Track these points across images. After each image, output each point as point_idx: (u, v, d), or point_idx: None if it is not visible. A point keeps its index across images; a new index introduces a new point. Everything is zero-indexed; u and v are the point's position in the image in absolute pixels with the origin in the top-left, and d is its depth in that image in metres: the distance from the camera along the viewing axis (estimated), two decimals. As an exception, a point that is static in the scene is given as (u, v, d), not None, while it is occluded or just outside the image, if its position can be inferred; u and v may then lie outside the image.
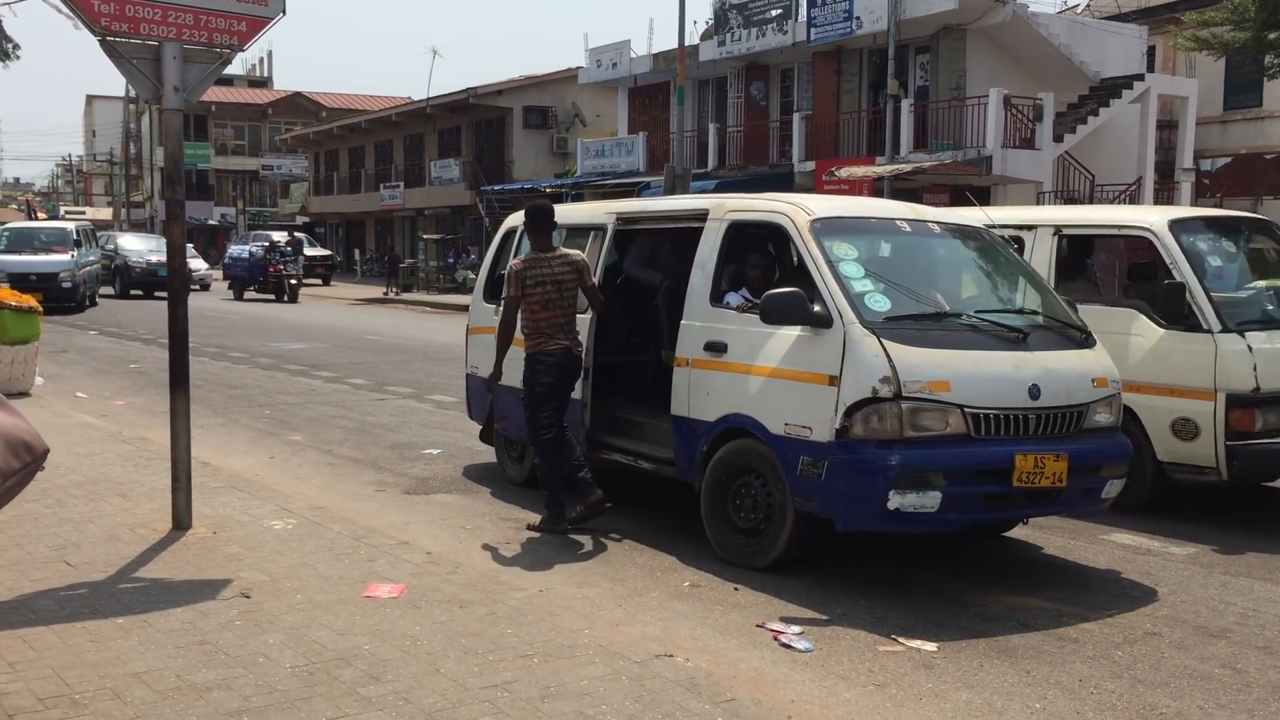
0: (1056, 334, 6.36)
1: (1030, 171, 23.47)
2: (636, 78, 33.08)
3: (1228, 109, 27.90)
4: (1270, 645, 5.25)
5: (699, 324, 6.73)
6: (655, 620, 5.43)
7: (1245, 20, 16.63)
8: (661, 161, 28.82)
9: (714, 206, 7.06)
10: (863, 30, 25.02)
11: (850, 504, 5.74)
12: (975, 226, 7.19)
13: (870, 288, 6.05)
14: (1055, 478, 5.84)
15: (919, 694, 4.61)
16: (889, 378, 5.62)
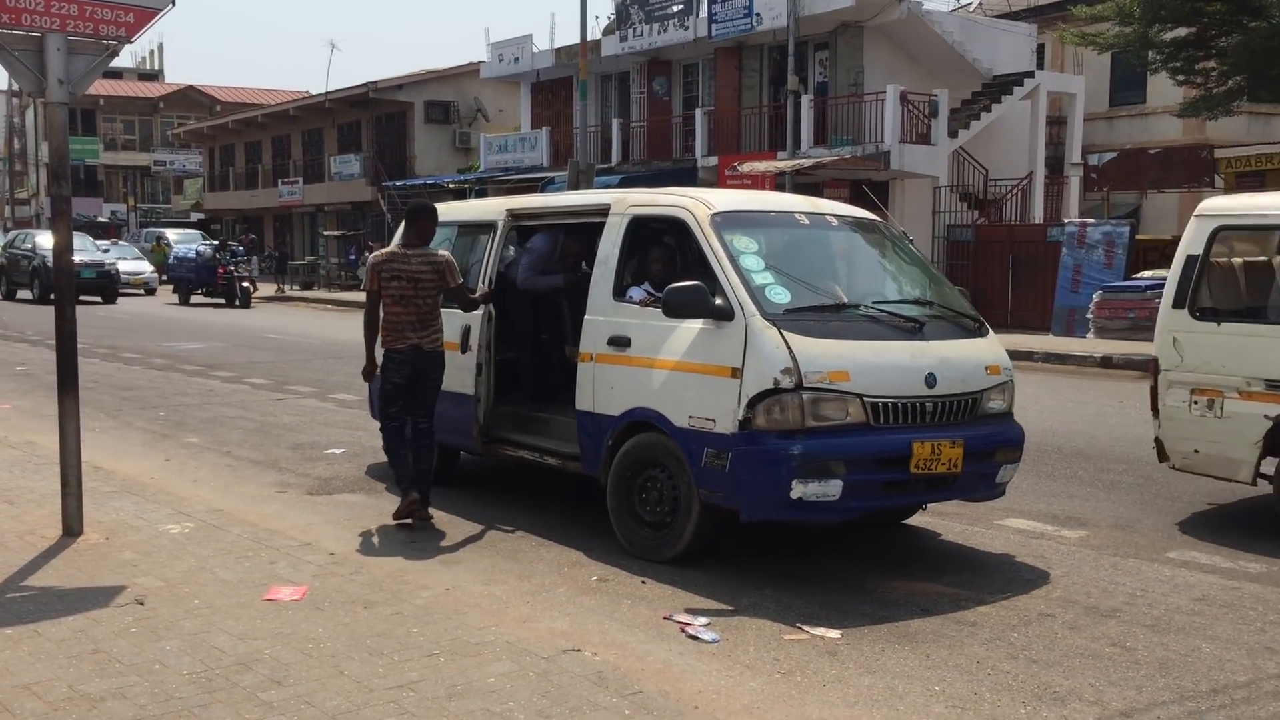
0: (951, 323, 6.51)
1: (927, 166, 23.96)
2: (539, 72, 32.96)
3: (1114, 105, 28.82)
4: (1157, 623, 5.44)
5: (602, 319, 6.74)
6: (563, 615, 5.42)
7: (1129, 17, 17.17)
8: (565, 157, 28.77)
9: (615, 201, 7.07)
10: (763, 26, 25.27)
11: (754, 494, 5.81)
12: (873, 219, 7.33)
13: (771, 280, 6.12)
14: (951, 464, 5.99)
15: (823, 680, 4.69)
16: (790, 369, 5.70)
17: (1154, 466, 9.04)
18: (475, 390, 7.56)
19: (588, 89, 26.76)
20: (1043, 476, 8.62)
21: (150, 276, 35.12)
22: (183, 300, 31.08)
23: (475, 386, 7.56)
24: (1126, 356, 16.58)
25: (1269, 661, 4.93)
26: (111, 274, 30.57)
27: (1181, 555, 6.62)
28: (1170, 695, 4.56)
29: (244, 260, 30.79)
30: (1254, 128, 26.20)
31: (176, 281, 31.80)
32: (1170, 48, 17.79)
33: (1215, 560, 6.51)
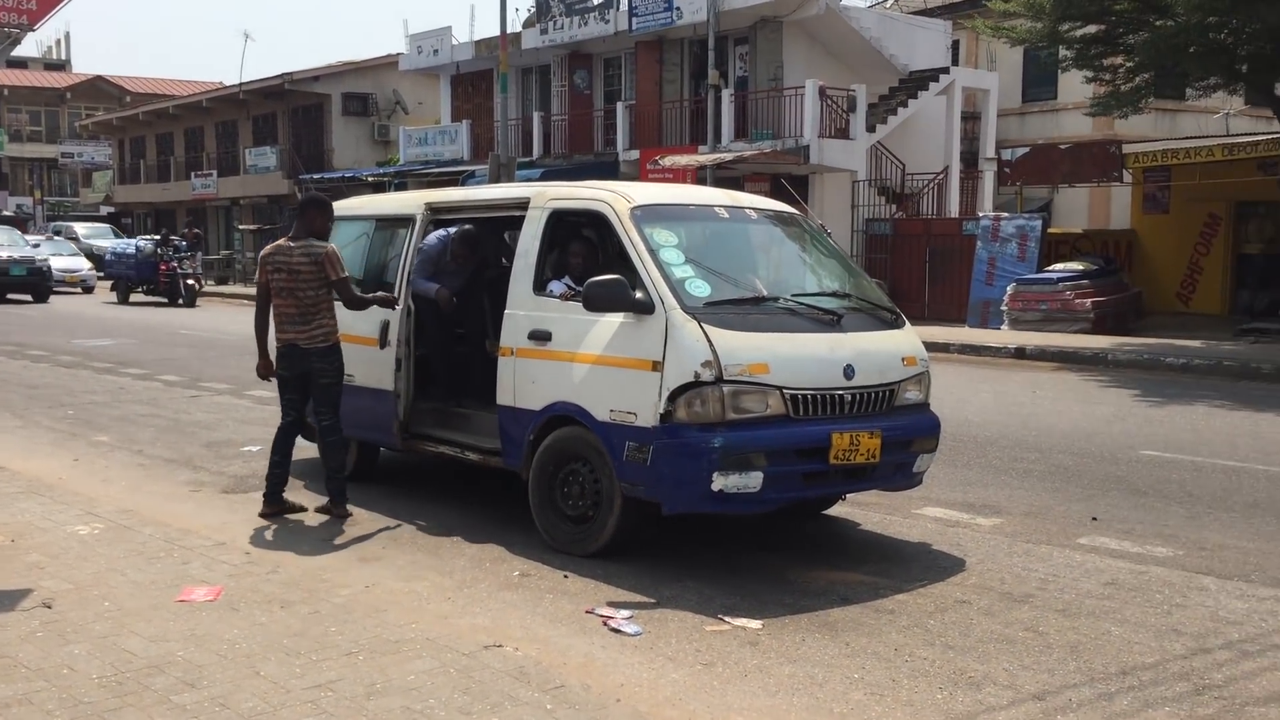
0: (868, 315, 6.59)
1: (845, 161, 24.22)
2: (459, 65, 32.67)
3: (1026, 101, 29.40)
4: (1068, 608, 5.56)
5: (522, 313, 6.70)
6: (484, 611, 5.39)
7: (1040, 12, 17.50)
8: (486, 150, 28.55)
9: (535, 195, 7.04)
10: (683, 20, 25.32)
11: (675, 487, 5.82)
12: (791, 213, 7.38)
13: (691, 274, 6.13)
14: (870, 454, 6.06)
15: (744, 671, 4.72)
16: (710, 362, 5.72)
17: (1066, 454, 9.27)
18: (395, 386, 7.49)
19: (508, 82, 26.60)
20: (959, 466, 8.77)
21: (88, 274, 33.17)
22: (121, 299, 29.35)
23: (395, 382, 7.49)
24: (1040, 347, 16.94)
25: (1175, 643, 5.07)
26: (43, 271, 29.00)
27: (1092, 541, 6.77)
28: (1080, 678, 4.67)
29: (188, 256, 28.84)
30: (1161, 124, 26.92)
31: (115, 279, 29.95)
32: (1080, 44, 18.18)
33: (1124, 545, 6.67)
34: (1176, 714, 4.31)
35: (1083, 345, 16.90)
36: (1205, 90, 19.48)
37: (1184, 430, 10.58)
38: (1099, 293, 19.76)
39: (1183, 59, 16.83)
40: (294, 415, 7.22)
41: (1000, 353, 17.18)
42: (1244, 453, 9.42)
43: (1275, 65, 16.87)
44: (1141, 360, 15.61)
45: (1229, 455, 9.31)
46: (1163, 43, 16.30)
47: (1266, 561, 6.34)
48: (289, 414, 7.22)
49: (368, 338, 7.69)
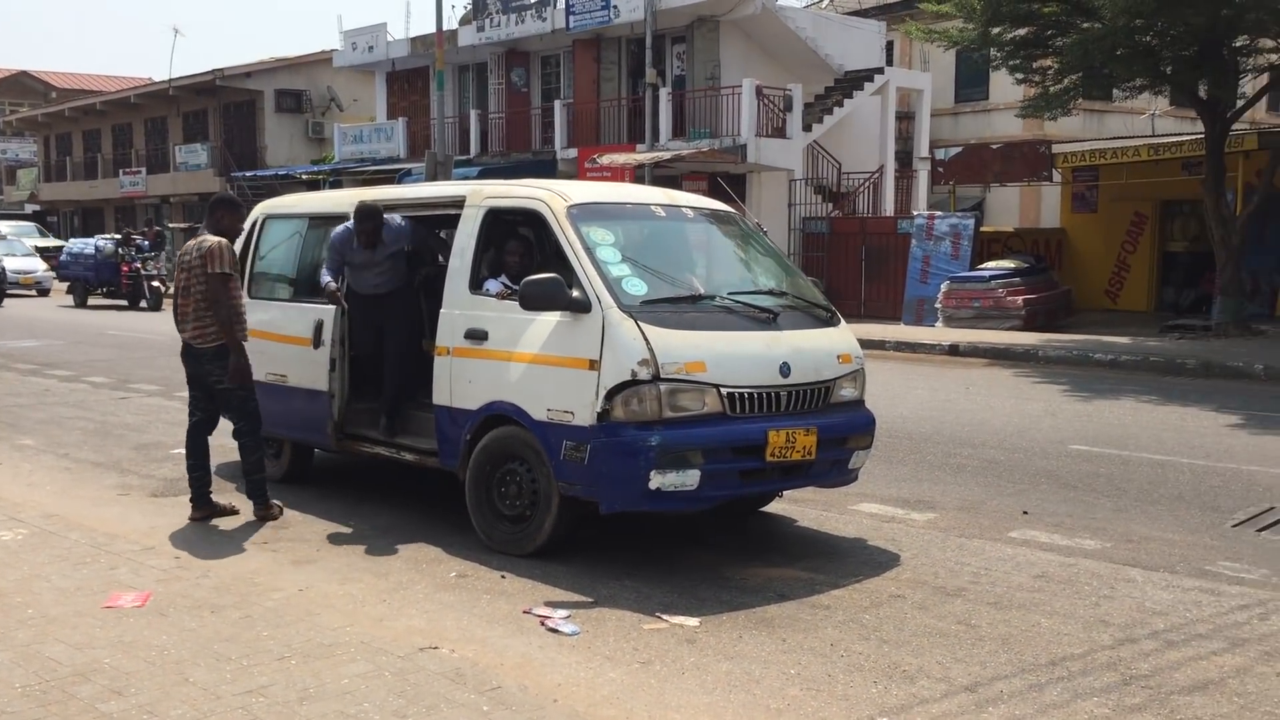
0: (804, 313, 6.63)
1: (783, 160, 24.36)
2: (395, 62, 32.38)
3: (959, 102, 29.79)
4: (1000, 601, 5.64)
5: (459, 312, 6.66)
6: (420, 613, 5.34)
7: (972, 14, 17.74)
8: (423, 148, 28.34)
9: (471, 193, 6.99)
10: (620, 19, 25.31)
11: (613, 486, 5.81)
12: (728, 211, 7.41)
13: (627, 272, 6.13)
14: (806, 451, 6.10)
15: (682, 668, 4.72)
16: (647, 360, 5.72)
17: (998, 450, 9.41)
18: (329, 386, 7.43)
19: (445, 79, 26.42)
20: (894, 462, 8.87)
21: (44, 275, 31.39)
22: (79, 302, 27.97)
23: (329, 382, 7.42)
24: (973, 344, 17.18)
25: (1103, 634, 5.16)
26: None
27: (1023, 535, 6.88)
28: (1011, 669, 4.73)
29: (151, 257, 27.58)
30: (1089, 124, 27.43)
31: (72, 281, 28.46)
32: (1010, 46, 18.46)
33: (1054, 539, 6.79)
34: (1105, 704, 4.39)
35: (1014, 342, 17.16)
36: (1132, 92, 19.89)
37: (1112, 425, 10.78)
38: (1030, 290, 20.08)
39: (1110, 61, 17.15)
40: (200, 414, 7.14)
41: (934, 350, 17.39)
42: (1170, 447, 9.63)
43: (1199, 67, 17.27)
44: (1071, 357, 15.90)
45: (1155, 449, 9.50)
46: (1090, 45, 16.59)
47: (1191, 553, 6.48)
48: (194, 413, 7.15)
49: (301, 337, 7.60)
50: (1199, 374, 14.49)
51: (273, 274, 8.43)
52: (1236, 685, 4.56)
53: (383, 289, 7.50)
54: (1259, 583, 5.93)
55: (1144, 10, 15.38)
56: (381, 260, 7.41)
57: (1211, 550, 6.54)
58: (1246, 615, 5.42)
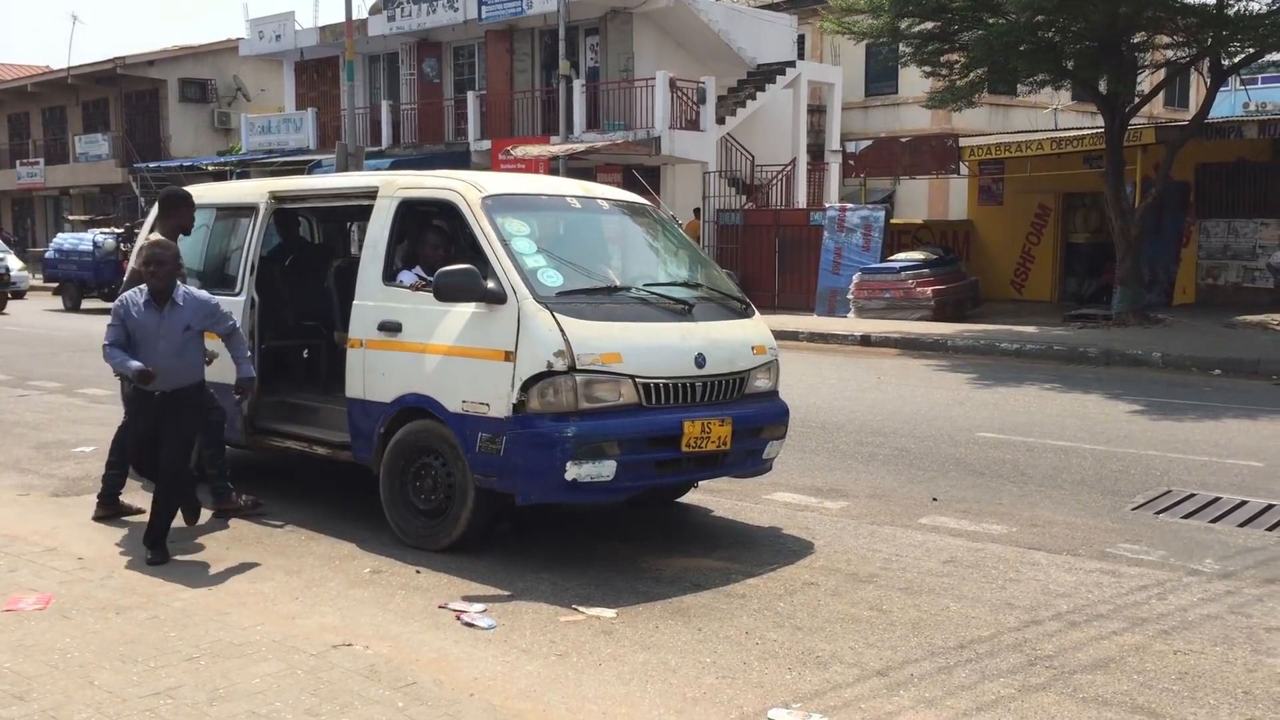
0: (719, 305, 6.68)
1: (696, 152, 24.48)
2: (303, 51, 31.83)
3: (869, 95, 30.23)
4: (910, 586, 5.75)
5: (372, 304, 6.58)
6: (334, 610, 5.28)
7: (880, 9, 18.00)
8: (333, 139, 27.91)
9: (384, 184, 6.91)
10: (533, 10, 25.20)
11: (529, 477, 5.80)
12: (643, 203, 7.43)
13: (543, 263, 6.12)
14: (721, 441, 6.15)
15: (599, 660, 4.73)
16: (563, 351, 5.72)
17: (908, 438, 9.58)
18: None
19: (355, 69, 26.01)
20: (807, 451, 8.98)
21: (19, 276, 26.93)
22: (71, 304, 25.08)
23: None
24: (884, 334, 17.45)
25: (1009, 616, 5.29)
26: None
27: (932, 521, 7.02)
28: (922, 653, 4.83)
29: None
30: (994, 118, 28.03)
31: (62, 282, 25.68)
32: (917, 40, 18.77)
33: (962, 524, 6.94)
34: (1011, 684, 4.50)
35: (924, 332, 17.48)
36: (1035, 86, 20.35)
37: (1018, 412, 11.04)
38: (939, 281, 20.47)
39: (1014, 56, 17.53)
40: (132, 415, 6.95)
41: (847, 340, 17.64)
42: (1072, 433, 9.89)
43: (1099, 63, 17.73)
44: (979, 346, 16.24)
45: (1059, 435, 9.76)
46: (995, 40, 16.94)
47: (1092, 536, 6.67)
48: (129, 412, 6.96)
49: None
50: (1100, 362, 14.90)
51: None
52: (1135, 663, 4.71)
53: (171, 380, 6.09)
54: (1157, 564, 6.12)
55: (1046, 7, 15.75)
56: (172, 333, 6.13)
57: (1112, 533, 6.74)
58: (1145, 595, 5.59)
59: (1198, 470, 8.38)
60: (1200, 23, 17.32)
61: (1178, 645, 4.91)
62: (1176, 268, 21.17)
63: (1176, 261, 21.18)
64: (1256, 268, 20.36)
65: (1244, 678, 4.56)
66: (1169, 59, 19.66)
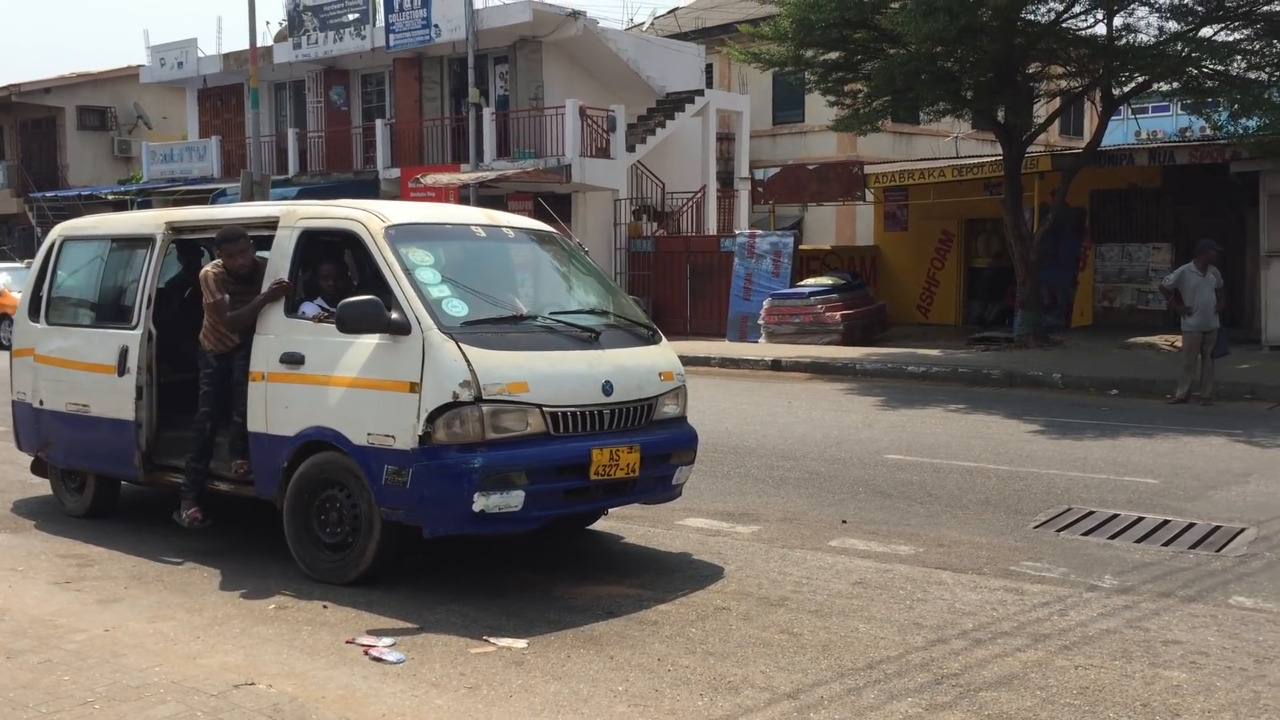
0: (626, 332, 6.69)
1: (607, 179, 24.58)
2: (206, 78, 31.28)
3: (776, 123, 30.65)
4: (821, 608, 5.80)
5: (273, 336, 6.48)
6: (237, 648, 5.15)
7: (785, 38, 18.30)
8: (238, 167, 27.41)
9: (285, 214, 6.82)
10: (442, 38, 25.12)
11: (436, 509, 5.74)
12: (550, 231, 7.43)
13: (447, 293, 6.08)
14: (629, 469, 6.16)
15: (509, 691, 4.69)
16: (469, 381, 5.68)
17: (818, 461, 9.69)
18: (136, 415, 7.11)
19: (260, 97, 25.66)
20: (719, 476, 9.02)
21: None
22: None
23: (135, 411, 7.11)
24: (794, 359, 17.66)
25: (916, 636, 5.37)
26: None
27: (842, 543, 7.09)
28: (831, 674, 4.87)
29: None
30: (898, 146, 28.64)
31: None
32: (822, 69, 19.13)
33: (871, 546, 7.02)
34: (918, 703, 4.56)
35: (833, 356, 17.72)
36: (936, 115, 20.85)
37: (924, 434, 11.24)
38: (847, 306, 20.79)
39: (915, 85, 17.94)
40: None
41: (758, 365, 17.80)
42: (977, 453, 10.09)
43: (996, 93, 18.23)
44: (886, 369, 16.51)
45: (964, 456, 9.95)
46: (896, 69, 17.33)
47: (997, 555, 6.80)
48: None
49: (104, 365, 7.26)
50: (1003, 383, 15.24)
51: (73, 299, 8.04)
52: (1038, 679, 4.81)
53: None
54: (1058, 580, 6.26)
55: (945, 38, 16.16)
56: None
57: (1015, 551, 6.88)
58: (1047, 611, 5.72)
59: (1096, 488, 8.61)
60: (1091, 53, 17.93)
61: (1078, 660, 5.02)
62: (1074, 291, 21.77)
63: (1074, 285, 21.78)
64: (1149, 290, 21.02)
65: (1142, 690, 4.68)
66: (1063, 89, 20.30)
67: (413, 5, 25.49)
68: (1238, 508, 7.91)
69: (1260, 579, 6.25)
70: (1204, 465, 9.47)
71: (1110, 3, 17.01)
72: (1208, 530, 7.29)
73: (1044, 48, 17.93)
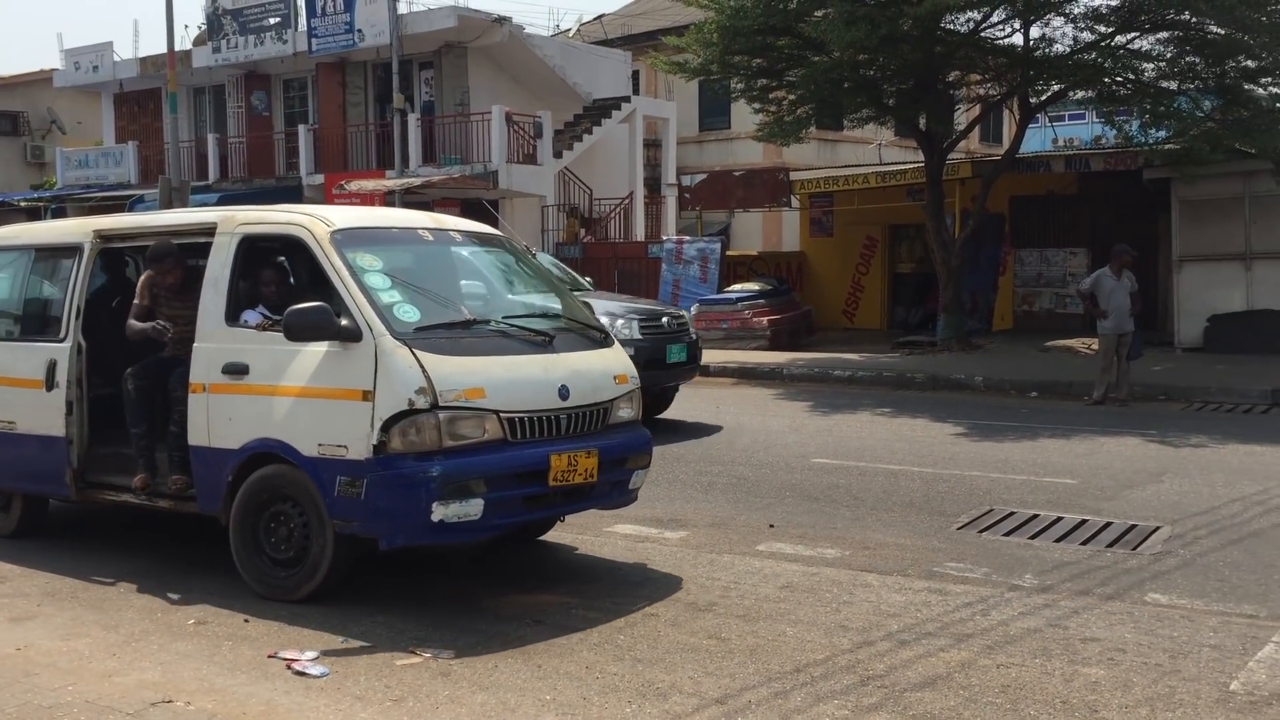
0: (579, 335, 6.57)
1: (534, 186, 24.53)
2: (123, 83, 30.63)
3: (703, 130, 30.84)
4: (748, 613, 5.82)
5: (214, 345, 6.26)
6: (155, 665, 5.04)
7: (710, 45, 18.40)
8: (156, 173, 26.89)
9: (223, 220, 6.57)
10: (365, 43, 24.88)
11: (393, 520, 5.60)
12: (495, 234, 7.30)
13: (399, 298, 5.93)
14: (587, 474, 6.05)
15: (436, 703, 4.64)
16: (425, 388, 5.56)
17: (746, 466, 9.74)
18: (66, 431, 6.83)
19: (178, 101, 25.19)
20: (647, 482, 8.97)
21: None
22: None
23: (66, 427, 6.83)
24: (722, 364, 17.72)
25: (843, 638, 5.41)
26: None
27: (769, 547, 7.13)
28: (759, 679, 4.89)
29: None
30: (823, 153, 28.95)
31: None
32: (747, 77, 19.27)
33: (798, 549, 7.07)
34: (844, 705, 4.60)
35: (761, 361, 17.84)
36: (859, 122, 21.12)
37: (850, 438, 11.36)
38: (774, 311, 20.95)
39: (838, 93, 18.15)
40: None
41: (686, 371, 17.82)
42: (901, 456, 10.22)
43: (918, 100, 18.50)
44: (813, 374, 16.66)
45: (889, 459, 10.07)
46: (819, 77, 17.51)
47: (921, 556, 6.89)
48: None
49: (31, 379, 6.97)
50: (927, 387, 15.47)
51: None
52: (961, 678, 4.87)
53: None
54: (981, 580, 6.36)
55: (868, 46, 16.37)
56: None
57: (939, 552, 6.97)
58: (970, 612, 5.80)
59: (1017, 489, 8.76)
60: (1009, 62, 18.28)
61: (1000, 659, 5.10)
62: (995, 295, 22.18)
63: (995, 290, 22.19)
64: (1068, 294, 21.49)
65: (1062, 688, 4.76)
66: (982, 96, 20.67)
67: (335, 10, 25.23)
68: (1153, 506, 8.10)
69: (1174, 576, 6.40)
70: (1120, 465, 9.69)
71: (1027, 13, 17.36)
72: (1124, 529, 7.46)
73: (963, 56, 18.25)
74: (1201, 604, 5.88)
